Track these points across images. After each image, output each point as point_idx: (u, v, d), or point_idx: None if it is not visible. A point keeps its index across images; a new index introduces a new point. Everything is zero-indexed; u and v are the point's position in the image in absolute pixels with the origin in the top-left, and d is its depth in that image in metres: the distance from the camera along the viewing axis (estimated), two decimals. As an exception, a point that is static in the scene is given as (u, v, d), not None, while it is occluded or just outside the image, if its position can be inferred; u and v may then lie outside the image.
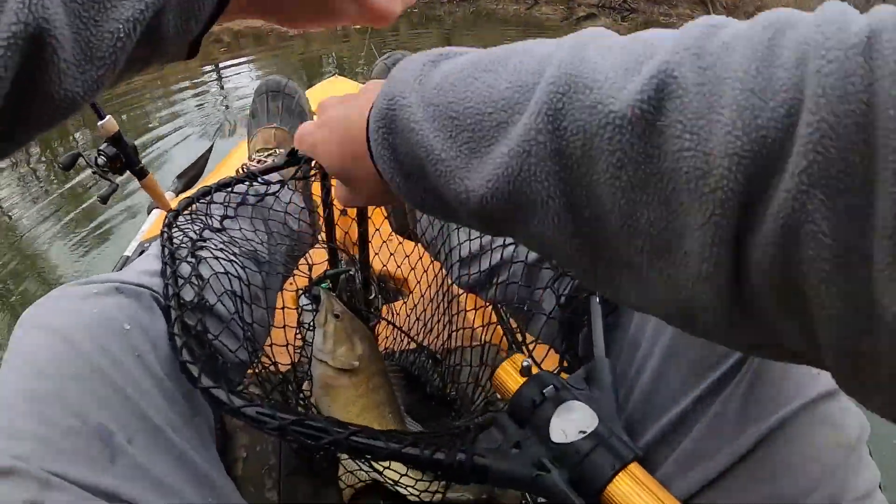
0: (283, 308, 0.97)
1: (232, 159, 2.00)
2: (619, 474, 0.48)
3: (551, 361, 0.71)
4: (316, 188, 1.06)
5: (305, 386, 0.98)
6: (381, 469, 0.78)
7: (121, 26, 0.35)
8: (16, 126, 0.35)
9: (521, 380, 0.53)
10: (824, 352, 0.30)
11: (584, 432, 0.49)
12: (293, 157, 0.94)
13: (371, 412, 0.94)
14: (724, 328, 0.34)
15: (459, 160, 0.40)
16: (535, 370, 0.54)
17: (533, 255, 0.79)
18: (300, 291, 0.95)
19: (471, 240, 0.88)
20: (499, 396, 0.69)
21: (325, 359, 0.93)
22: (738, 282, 0.31)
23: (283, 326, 0.97)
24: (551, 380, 0.52)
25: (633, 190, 0.33)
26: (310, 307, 0.94)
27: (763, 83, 0.29)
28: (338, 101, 0.55)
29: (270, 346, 0.89)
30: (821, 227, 0.27)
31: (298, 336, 1.02)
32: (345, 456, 0.96)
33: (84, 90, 0.36)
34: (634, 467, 0.49)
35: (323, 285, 0.99)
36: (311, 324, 0.95)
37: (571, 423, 0.50)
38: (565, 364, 0.68)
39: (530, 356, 0.79)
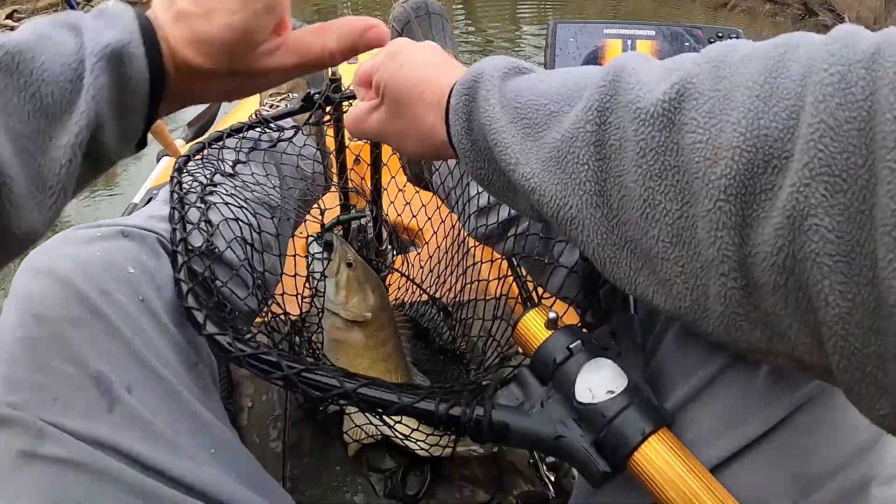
0: (294, 255, 0.93)
1: (244, 106, 1.95)
2: (649, 440, 0.44)
3: (569, 319, 0.68)
4: (330, 136, 1.02)
5: (315, 338, 0.95)
6: (391, 423, 0.75)
7: (63, 152, 0.39)
8: None
9: (547, 333, 0.49)
10: (830, 355, 0.32)
11: (613, 392, 0.45)
12: (308, 103, 0.89)
13: (380, 365, 0.92)
14: (733, 324, 0.37)
15: (516, 140, 0.46)
16: (560, 323, 0.50)
17: None
18: (311, 238, 0.91)
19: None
20: (519, 351, 0.65)
21: (336, 310, 0.90)
22: (745, 273, 0.35)
23: (294, 275, 0.94)
24: (579, 334, 0.49)
25: (653, 178, 0.38)
26: (321, 255, 0.90)
27: (769, 91, 0.33)
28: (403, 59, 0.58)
29: (281, 294, 0.85)
30: (823, 221, 0.30)
31: (308, 286, 0.98)
32: (351, 409, 0.93)
33: (42, 220, 0.40)
34: (664, 433, 0.45)
35: (336, 232, 0.94)
36: (322, 273, 0.92)
37: (599, 382, 0.46)
38: (586, 321, 0.64)
39: (540, 301, 0.75)
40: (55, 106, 0.39)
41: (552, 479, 0.90)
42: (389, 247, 1.41)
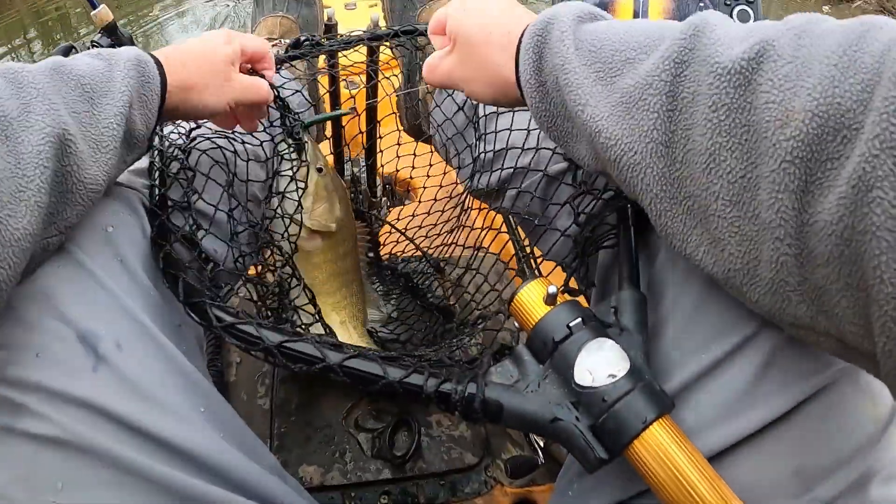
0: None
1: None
2: (650, 428, 0.41)
3: (557, 279, 0.64)
4: (323, 81, 0.97)
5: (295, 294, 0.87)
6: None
7: (111, 121, 0.52)
8: (61, 212, 0.49)
9: (546, 308, 0.45)
10: (877, 336, 0.32)
11: (614, 376, 0.42)
12: (296, 47, 0.85)
13: (337, 279, 0.89)
14: (781, 294, 0.37)
15: (588, 82, 0.46)
16: (560, 299, 0.46)
17: (554, 167, 0.71)
18: (280, 135, 0.82)
19: (486, 143, 0.81)
20: (503, 311, 0.62)
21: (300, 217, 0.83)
22: (800, 241, 0.35)
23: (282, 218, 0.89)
24: (580, 311, 0.45)
25: (721, 134, 0.38)
26: (290, 156, 0.82)
27: (847, 63, 0.33)
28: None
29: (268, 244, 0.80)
30: (888, 195, 0.30)
31: (272, 186, 0.86)
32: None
33: (101, 174, 0.51)
34: (666, 420, 0.42)
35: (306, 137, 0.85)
36: (293, 177, 0.82)
37: (600, 364, 0.43)
38: (571, 285, 0.60)
39: (537, 269, 0.71)
40: (94, 93, 0.52)
41: (541, 444, 0.88)
42: (384, 199, 1.37)
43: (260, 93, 0.69)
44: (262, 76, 0.72)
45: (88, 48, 1.24)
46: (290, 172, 0.81)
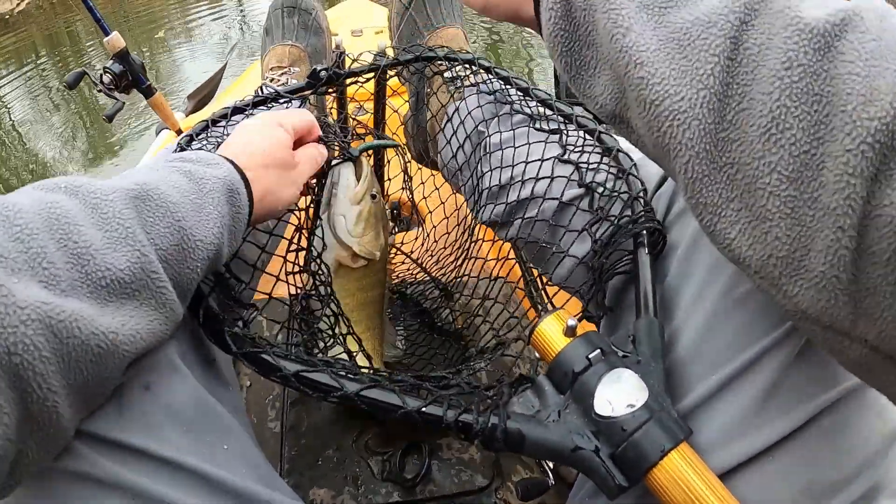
0: (297, 227, 0.88)
1: (246, 79, 1.89)
2: (668, 455, 0.41)
3: (570, 306, 0.64)
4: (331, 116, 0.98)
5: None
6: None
7: (198, 264, 0.47)
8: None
9: (565, 340, 0.45)
10: None
11: (633, 406, 0.42)
12: (314, 79, 0.85)
13: (365, 310, 0.88)
14: (827, 291, 0.33)
15: (632, 5, 0.40)
16: (580, 330, 0.46)
17: (568, 193, 0.71)
18: (336, 156, 0.80)
19: (501, 168, 0.80)
20: (518, 337, 0.62)
21: (349, 242, 0.81)
22: (863, 234, 0.31)
23: (296, 250, 0.89)
24: (598, 343, 0.45)
25: (791, 97, 0.33)
26: (347, 180, 0.79)
27: None
28: None
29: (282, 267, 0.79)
30: None
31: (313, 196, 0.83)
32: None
33: (181, 310, 0.46)
34: (684, 448, 0.42)
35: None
36: (332, 190, 0.80)
37: (619, 394, 0.43)
38: (588, 313, 0.61)
39: (545, 294, 0.71)
40: (184, 225, 0.46)
41: (551, 465, 0.87)
42: (392, 224, 1.37)
43: (320, 160, 0.68)
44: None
45: (101, 75, 1.26)
46: (346, 194, 0.79)
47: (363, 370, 0.53)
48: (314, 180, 0.73)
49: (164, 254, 0.44)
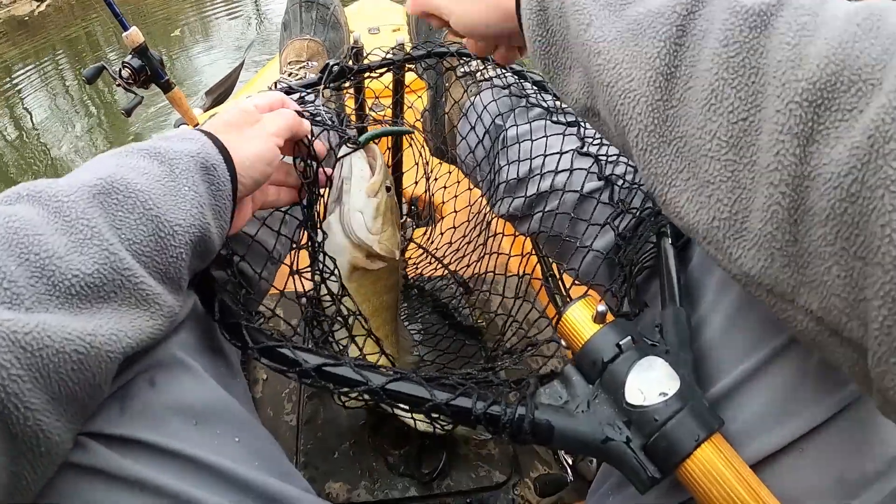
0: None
1: (263, 75, 1.89)
2: (701, 446, 0.39)
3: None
4: (349, 103, 0.96)
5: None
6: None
7: (181, 250, 0.45)
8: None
9: (595, 327, 0.44)
10: (876, 309, 0.29)
11: (665, 395, 0.41)
12: (328, 72, 0.84)
13: (381, 314, 0.80)
14: (766, 251, 0.34)
15: (596, 5, 0.44)
16: (609, 317, 0.44)
17: (588, 186, 0.69)
18: (344, 139, 0.72)
19: (519, 161, 0.79)
20: (563, 344, 0.60)
21: (369, 241, 0.71)
22: (798, 193, 0.32)
23: (308, 245, 0.88)
24: (629, 330, 0.44)
25: (728, 70, 0.36)
26: (361, 171, 0.71)
27: (870, 25, 0.31)
28: None
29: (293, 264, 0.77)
30: None
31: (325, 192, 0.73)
32: None
33: (175, 301, 0.45)
34: (717, 439, 0.40)
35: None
36: (341, 183, 0.71)
37: (650, 383, 0.41)
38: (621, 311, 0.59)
39: (566, 291, 0.70)
40: (159, 212, 0.43)
41: (570, 461, 0.86)
42: (409, 219, 1.36)
43: (289, 117, 0.61)
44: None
45: (120, 70, 1.25)
46: (361, 187, 0.71)
47: (385, 367, 0.51)
48: (306, 171, 0.65)
49: (139, 247, 0.42)
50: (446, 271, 1.09)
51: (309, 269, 0.65)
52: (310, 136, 0.63)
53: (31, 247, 0.37)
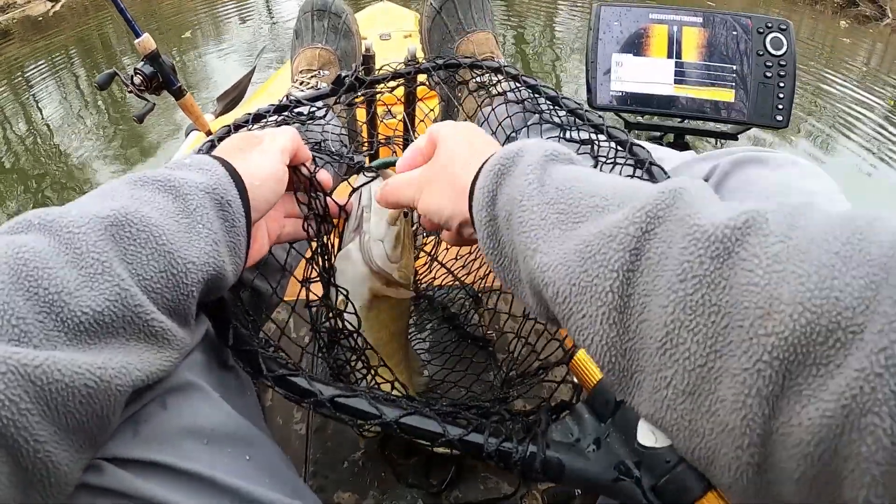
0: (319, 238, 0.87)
1: (275, 81, 1.89)
2: (711, 491, 0.39)
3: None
4: (361, 115, 0.96)
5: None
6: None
7: (193, 287, 0.44)
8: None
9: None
10: None
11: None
12: (339, 85, 0.83)
13: (396, 341, 0.80)
14: (747, 496, 0.31)
15: (545, 224, 0.40)
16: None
17: None
18: (358, 165, 0.70)
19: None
20: (556, 360, 0.60)
21: (389, 269, 0.70)
22: (766, 450, 0.29)
23: (321, 254, 0.87)
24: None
25: (685, 310, 0.31)
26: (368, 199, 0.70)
27: (851, 252, 0.28)
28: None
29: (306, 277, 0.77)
30: (885, 422, 0.24)
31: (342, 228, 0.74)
32: None
33: (185, 334, 0.45)
34: None
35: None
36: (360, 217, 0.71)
37: (663, 424, 0.41)
38: None
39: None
40: (172, 248, 0.43)
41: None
42: (420, 227, 1.35)
43: (290, 132, 0.61)
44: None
45: (132, 76, 1.25)
46: (381, 216, 0.70)
47: (399, 397, 0.51)
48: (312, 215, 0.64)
49: (150, 283, 0.41)
50: (456, 281, 1.09)
51: (318, 301, 0.65)
52: (309, 166, 0.63)
53: (40, 281, 0.36)
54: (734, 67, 1.04)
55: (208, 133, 1.42)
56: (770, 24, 1.03)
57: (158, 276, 0.42)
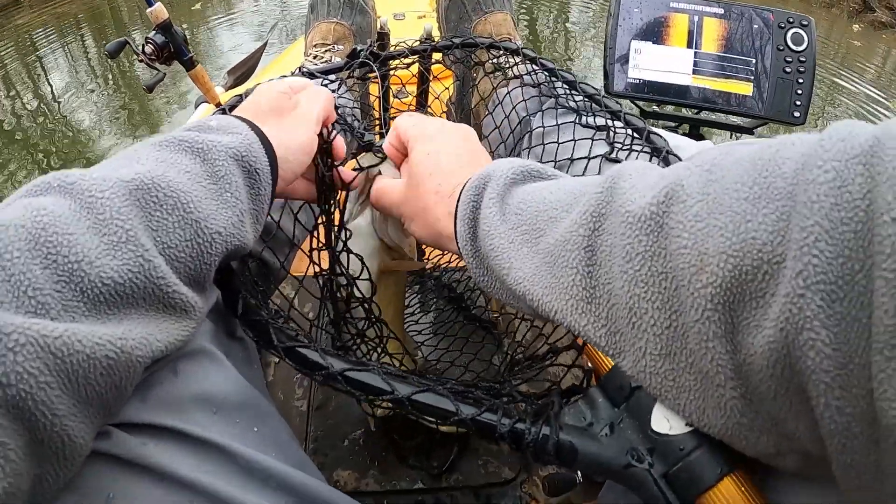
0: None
1: (287, 57, 1.87)
2: (723, 480, 0.39)
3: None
4: (374, 89, 0.95)
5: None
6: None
7: (216, 258, 0.44)
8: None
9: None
10: (831, 462, 0.29)
11: (692, 426, 0.39)
12: (353, 58, 0.83)
13: (399, 318, 0.81)
14: (737, 434, 0.34)
15: (513, 246, 0.45)
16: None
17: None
18: (362, 144, 0.68)
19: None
20: (566, 344, 0.59)
21: (402, 243, 0.70)
22: (743, 381, 0.31)
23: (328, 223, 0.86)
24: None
25: (638, 284, 0.35)
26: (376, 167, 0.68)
27: (758, 192, 0.30)
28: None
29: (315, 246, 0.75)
30: (820, 335, 0.27)
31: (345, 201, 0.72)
32: None
33: (202, 303, 0.43)
34: (739, 474, 0.39)
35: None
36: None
37: (678, 412, 0.40)
38: None
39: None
40: (198, 216, 0.42)
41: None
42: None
43: (326, 95, 0.61)
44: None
45: (143, 45, 1.24)
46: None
47: (409, 374, 0.50)
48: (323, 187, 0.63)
49: (174, 252, 0.40)
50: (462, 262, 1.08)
51: (329, 270, 0.64)
52: (329, 128, 0.62)
53: (59, 248, 0.35)
54: (753, 61, 1.02)
55: (218, 105, 1.41)
56: (792, 20, 1.01)
57: (184, 244, 0.41)
